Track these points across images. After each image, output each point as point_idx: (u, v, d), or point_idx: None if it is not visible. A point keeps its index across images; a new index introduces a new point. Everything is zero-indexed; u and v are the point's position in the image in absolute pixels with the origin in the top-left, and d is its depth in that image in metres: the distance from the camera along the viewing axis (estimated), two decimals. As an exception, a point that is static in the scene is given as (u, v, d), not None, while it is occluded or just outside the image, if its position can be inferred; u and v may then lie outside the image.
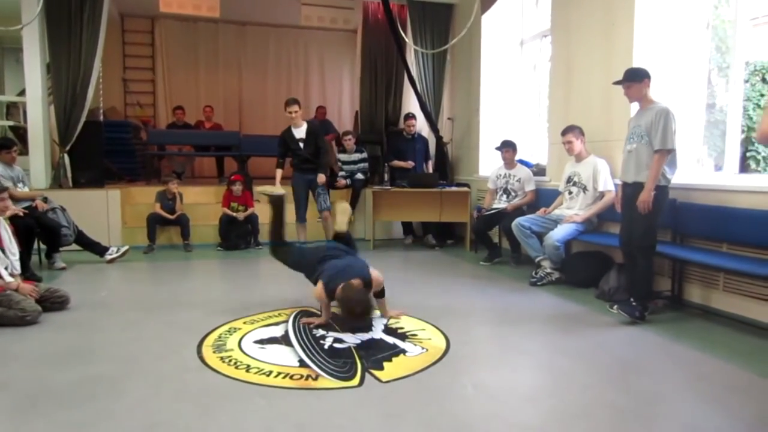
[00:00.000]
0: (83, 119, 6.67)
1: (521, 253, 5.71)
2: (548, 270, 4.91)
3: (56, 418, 2.36)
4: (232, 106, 10.71)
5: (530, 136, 6.95)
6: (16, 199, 5.12)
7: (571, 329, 3.69)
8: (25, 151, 6.47)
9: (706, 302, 4.08)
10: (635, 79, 3.79)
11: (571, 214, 4.92)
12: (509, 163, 5.97)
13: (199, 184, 8.39)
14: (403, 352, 3.16)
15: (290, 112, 5.88)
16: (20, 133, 7.22)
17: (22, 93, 7.54)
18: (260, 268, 6.04)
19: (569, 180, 5.06)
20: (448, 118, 8.04)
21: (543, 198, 5.71)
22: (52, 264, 5.55)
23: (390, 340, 3.36)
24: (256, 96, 10.89)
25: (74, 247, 5.80)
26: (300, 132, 5.93)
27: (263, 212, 6.91)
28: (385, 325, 3.64)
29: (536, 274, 4.95)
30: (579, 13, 5.38)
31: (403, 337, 3.42)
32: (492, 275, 5.42)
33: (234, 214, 6.72)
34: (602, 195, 4.81)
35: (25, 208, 5.20)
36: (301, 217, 6.15)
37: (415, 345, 3.27)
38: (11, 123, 7.98)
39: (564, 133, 4.99)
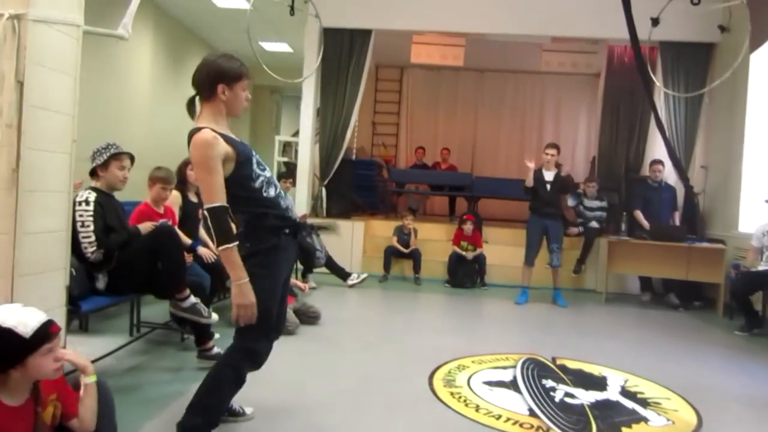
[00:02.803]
0: (341, 157, 7.60)
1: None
2: (833, 353, 4.06)
3: (309, 421, 2.69)
4: (466, 148, 11.14)
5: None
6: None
7: None
8: (293, 183, 7.58)
9: None
10: None
11: None
12: None
13: (431, 221, 8.84)
14: (645, 420, 2.90)
15: (547, 153, 5.98)
16: (290, 168, 8.48)
17: (295, 134, 8.88)
18: (485, 309, 6.10)
19: None
20: (701, 166, 7.25)
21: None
22: (306, 283, 6.35)
23: (628, 404, 3.11)
24: (489, 139, 11.18)
25: (322, 269, 6.55)
26: (549, 175, 5.97)
27: (492, 253, 7.07)
28: (623, 387, 3.39)
29: (816, 356, 4.13)
30: None
31: (644, 403, 3.14)
32: (752, 347, 4.67)
33: (463, 252, 6.92)
34: None
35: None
36: (530, 261, 6.08)
37: (659, 415, 2.97)
38: (285, 159, 9.48)
39: None
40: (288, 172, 7.05)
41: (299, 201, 7.60)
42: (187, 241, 3.95)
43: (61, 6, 2.42)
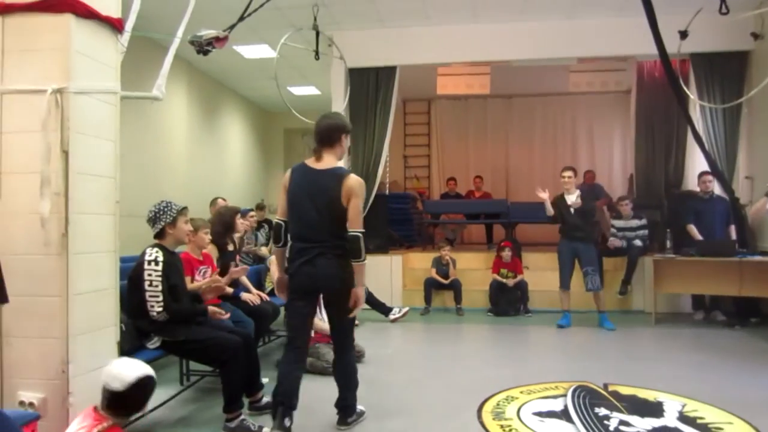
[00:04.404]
0: (374, 193, 7.67)
1: None
2: None
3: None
4: (499, 175, 11.11)
5: None
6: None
7: None
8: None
9: None
10: None
11: None
12: None
13: (469, 250, 8.78)
14: (707, 447, 2.78)
15: (563, 176, 5.99)
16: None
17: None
18: (531, 337, 5.98)
19: None
20: (746, 177, 7.02)
21: None
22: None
23: (688, 431, 2.98)
24: (522, 164, 11.13)
25: (363, 306, 6.53)
26: (571, 198, 5.93)
27: (534, 279, 6.96)
28: (680, 413, 3.25)
29: None
30: None
31: (705, 429, 3.00)
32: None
33: (504, 280, 6.83)
34: None
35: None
36: (565, 284, 5.99)
37: (721, 441, 2.84)
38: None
39: None
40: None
41: (336, 239, 7.66)
42: (229, 290, 4.03)
43: (99, 76, 2.57)
